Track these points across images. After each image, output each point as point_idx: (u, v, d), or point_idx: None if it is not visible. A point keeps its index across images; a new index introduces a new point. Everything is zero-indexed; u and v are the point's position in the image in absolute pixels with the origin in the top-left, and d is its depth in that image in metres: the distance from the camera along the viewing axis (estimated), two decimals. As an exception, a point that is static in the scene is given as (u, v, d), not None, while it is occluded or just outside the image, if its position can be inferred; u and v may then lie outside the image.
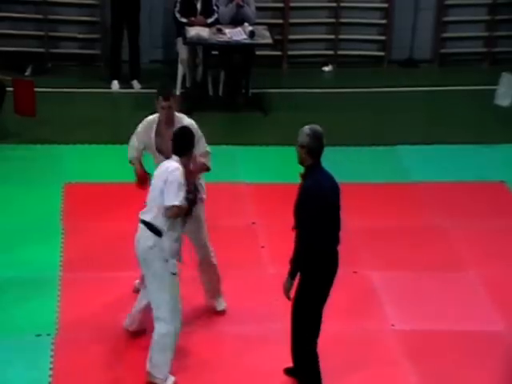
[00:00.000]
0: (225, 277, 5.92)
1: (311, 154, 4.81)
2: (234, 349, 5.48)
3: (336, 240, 4.89)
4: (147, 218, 5.02)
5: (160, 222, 4.96)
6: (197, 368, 5.30)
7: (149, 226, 4.99)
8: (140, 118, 5.72)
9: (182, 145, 5.04)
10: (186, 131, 5.11)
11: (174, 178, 4.93)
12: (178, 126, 5.30)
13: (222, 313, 5.71)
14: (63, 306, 5.81)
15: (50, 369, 5.25)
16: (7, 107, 7.98)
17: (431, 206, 7.29)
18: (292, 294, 4.89)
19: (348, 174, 7.65)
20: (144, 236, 5.02)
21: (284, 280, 4.86)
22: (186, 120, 5.45)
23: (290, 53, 9.97)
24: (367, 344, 5.58)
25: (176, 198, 4.90)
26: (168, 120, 5.42)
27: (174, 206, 4.91)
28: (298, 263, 4.81)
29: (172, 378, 5.08)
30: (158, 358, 5.03)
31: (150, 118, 5.59)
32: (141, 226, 5.07)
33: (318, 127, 4.90)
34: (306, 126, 4.89)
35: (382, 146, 8.24)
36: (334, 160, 8.00)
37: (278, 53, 9.91)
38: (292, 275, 4.84)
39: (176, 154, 5.03)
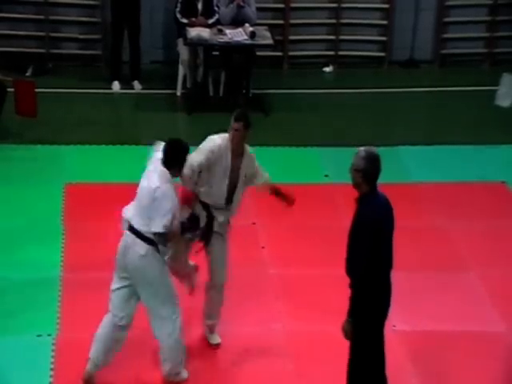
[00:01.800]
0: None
1: (367, 178, 4.49)
2: (234, 350, 5.47)
3: (389, 265, 4.63)
4: (136, 225, 4.79)
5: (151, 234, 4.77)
6: (198, 367, 5.30)
7: (139, 234, 4.79)
8: (140, 118, 5.72)
9: (173, 157, 4.81)
10: (179, 144, 4.89)
11: (163, 207, 4.69)
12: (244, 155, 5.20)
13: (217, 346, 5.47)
14: (64, 306, 5.81)
15: (51, 369, 5.25)
16: (8, 108, 7.99)
17: (432, 206, 7.29)
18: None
19: (349, 175, 7.65)
20: (135, 244, 4.81)
21: (343, 322, 4.58)
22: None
23: (290, 53, 9.97)
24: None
25: (161, 227, 4.69)
26: (235, 144, 5.19)
27: (162, 234, 4.71)
28: (357, 298, 4.49)
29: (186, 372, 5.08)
30: (171, 357, 5.00)
31: (221, 141, 5.25)
32: (128, 233, 4.84)
33: (373, 149, 4.58)
34: (362, 148, 4.57)
35: (383, 146, 8.21)
36: (335, 160, 8.09)
37: (279, 53, 9.91)
38: (352, 315, 4.53)
39: (167, 166, 4.80)
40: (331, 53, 10.01)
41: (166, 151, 4.87)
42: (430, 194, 7.44)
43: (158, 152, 4.96)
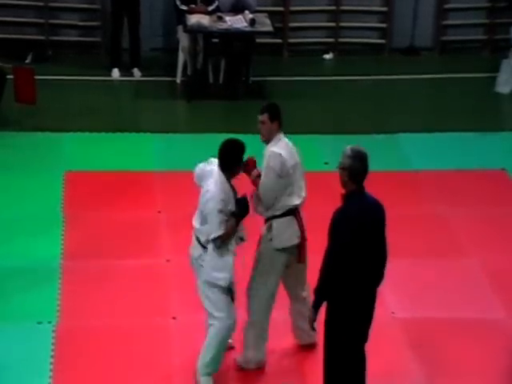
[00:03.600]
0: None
1: (353, 177, 4.34)
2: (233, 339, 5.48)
3: (375, 275, 4.42)
4: (195, 226, 4.89)
5: (203, 237, 4.83)
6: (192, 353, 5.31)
7: (196, 237, 4.89)
8: (140, 106, 5.73)
9: (227, 159, 4.82)
10: (233, 145, 4.86)
11: (211, 208, 4.73)
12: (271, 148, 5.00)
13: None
14: (64, 294, 5.82)
15: (51, 356, 5.27)
16: (7, 95, 7.97)
17: (432, 193, 7.29)
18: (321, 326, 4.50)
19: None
20: (194, 245, 4.92)
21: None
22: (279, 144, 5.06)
23: (290, 40, 9.93)
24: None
25: (218, 229, 4.73)
26: (262, 136, 5.08)
27: (218, 237, 4.75)
28: (321, 293, 4.38)
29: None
30: (211, 354, 4.92)
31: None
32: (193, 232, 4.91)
33: (360, 148, 4.41)
34: (348, 147, 4.42)
35: (383, 133, 8.23)
36: (334, 148, 8.07)
37: (279, 40, 9.88)
38: (315, 306, 4.41)
39: (221, 168, 4.82)
40: (331, 40, 9.98)
41: (220, 152, 4.84)
42: (430, 182, 7.44)
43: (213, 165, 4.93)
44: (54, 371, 5.14)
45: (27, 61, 9.25)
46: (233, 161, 4.85)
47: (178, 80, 9.14)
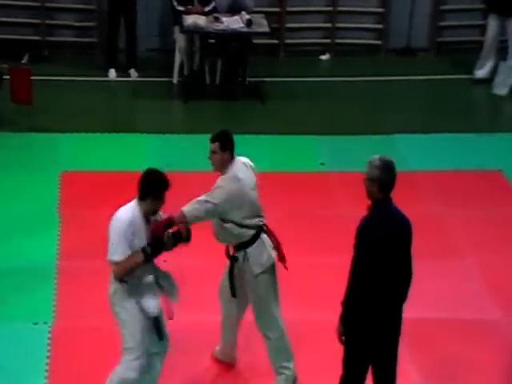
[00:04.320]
0: (221, 265, 5.92)
1: (382, 188, 4.22)
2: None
3: (397, 292, 4.29)
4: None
5: None
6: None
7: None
8: (137, 106, 5.72)
9: (143, 187, 4.45)
10: (151, 174, 4.50)
11: (115, 228, 4.40)
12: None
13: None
14: (60, 294, 5.81)
15: (47, 357, 5.26)
16: (4, 95, 7.96)
17: (428, 194, 7.29)
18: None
19: (345, 163, 7.66)
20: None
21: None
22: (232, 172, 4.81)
23: (287, 41, 9.94)
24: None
25: (114, 254, 4.39)
26: (213, 166, 4.86)
27: (115, 265, 4.42)
28: (348, 305, 4.28)
29: None
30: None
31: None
32: None
33: (388, 157, 4.30)
34: (376, 157, 4.30)
35: (379, 134, 8.24)
36: (330, 149, 8.09)
37: (275, 41, 9.88)
38: (343, 319, 4.33)
39: (138, 196, 4.48)
40: (328, 41, 9.98)
41: (140, 182, 4.51)
42: (427, 182, 7.45)
43: None
44: (50, 371, 5.13)
45: (23, 61, 9.24)
46: (152, 193, 4.45)
47: (175, 80, 9.14)
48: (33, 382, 5.06)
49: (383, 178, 4.24)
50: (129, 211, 4.49)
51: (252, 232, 4.88)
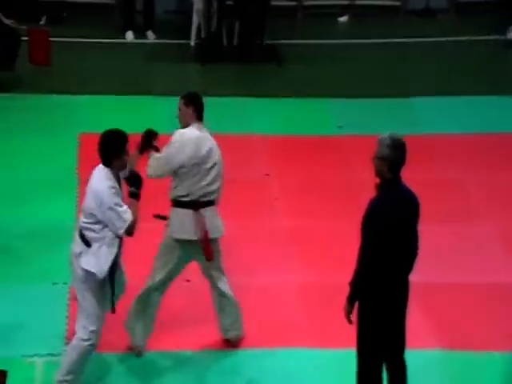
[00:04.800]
0: (238, 228, 5.96)
1: (392, 167, 4.15)
2: (245, 300, 5.54)
3: (405, 268, 4.28)
4: (80, 222, 4.58)
5: (91, 234, 4.53)
6: (205, 316, 5.39)
7: (80, 233, 4.59)
8: (154, 68, 5.72)
9: (106, 152, 4.50)
10: (106, 137, 4.53)
11: (106, 201, 4.43)
12: None
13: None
14: (79, 255, 5.88)
15: (66, 317, 5.35)
16: (22, 57, 7.97)
17: (445, 158, 7.26)
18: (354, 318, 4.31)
19: (362, 126, 7.63)
20: (76, 241, 4.64)
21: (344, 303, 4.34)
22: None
23: (305, 3, 9.84)
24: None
25: (123, 222, 4.45)
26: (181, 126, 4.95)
27: (129, 226, 4.46)
28: (357, 286, 4.24)
29: None
30: (65, 365, 4.67)
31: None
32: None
33: (399, 136, 4.22)
34: (386, 135, 4.21)
35: (397, 97, 8.18)
36: (348, 112, 8.06)
37: (293, 3, 9.79)
38: (350, 299, 4.27)
39: (103, 163, 4.50)
40: (346, 2, 9.87)
41: (101, 146, 4.57)
42: (444, 146, 7.41)
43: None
44: (69, 331, 5.22)
45: (42, 22, 9.23)
46: (115, 153, 4.50)
47: (192, 43, 9.10)
48: (52, 341, 5.14)
49: (393, 157, 4.17)
50: (105, 178, 4.54)
51: (188, 197, 4.86)
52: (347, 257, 5.17)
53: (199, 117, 4.95)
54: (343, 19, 9.86)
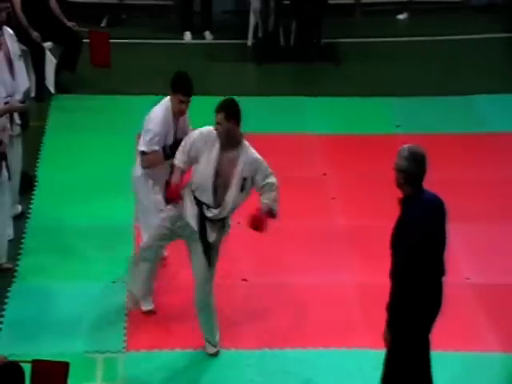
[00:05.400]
0: (295, 227, 5.93)
1: (409, 181, 4.05)
2: (301, 300, 5.52)
3: (439, 272, 4.22)
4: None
5: None
6: (261, 315, 5.38)
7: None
8: (212, 68, 5.74)
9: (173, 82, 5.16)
10: (181, 72, 5.22)
11: (150, 124, 5.11)
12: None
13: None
14: (138, 253, 5.95)
15: (125, 314, 5.41)
16: (83, 59, 8.11)
17: (508, 157, 7.10)
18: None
19: (420, 125, 7.52)
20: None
21: (384, 331, 4.23)
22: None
23: (363, 1, 9.75)
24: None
25: (143, 145, 5.14)
26: (224, 140, 4.84)
27: (141, 154, 5.11)
28: (395, 307, 4.14)
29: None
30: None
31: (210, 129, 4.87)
32: None
33: (418, 148, 4.09)
34: (405, 146, 4.11)
35: (459, 95, 8.04)
36: (406, 111, 7.94)
37: (351, 1, 9.71)
38: (391, 325, 4.16)
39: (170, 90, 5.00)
40: (405, -1, 9.76)
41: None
42: (508, 144, 7.24)
43: None
44: (128, 329, 5.28)
45: (102, 24, 9.38)
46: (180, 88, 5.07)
47: (249, 42, 9.11)
48: (112, 338, 5.21)
49: (410, 170, 4.04)
50: (163, 112, 5.10)
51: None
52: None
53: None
54: (402, 16, 9.73)
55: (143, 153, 5.19)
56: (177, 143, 5.03)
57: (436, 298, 4.26)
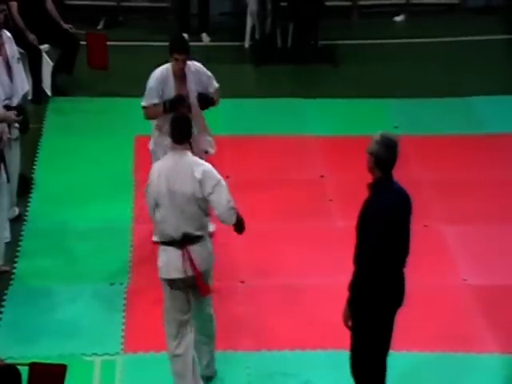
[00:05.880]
0: (293, 229, 5.92)
1: (379, 165, 4.16)
2: (297, 300, 5.52)
3: (401, 260, 4.30)
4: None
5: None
6: (259, 317, 5.38)
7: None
8: (209, 70, 5.78)
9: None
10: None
11: (149, 81, 5.50)
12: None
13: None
14: (136, 256, 5.94)
15: (123, 317, 5.41)
16: (81, 61, 8.10)
17: (507, 158, 7.10)
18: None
19: (418, 126, 7.53)
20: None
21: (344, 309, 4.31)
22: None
23: (360, 2, 9.76)
24: (438, 298, 5.52)
25: (143, 100, 5.54)
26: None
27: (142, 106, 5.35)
28: (359, 289, 4.24)
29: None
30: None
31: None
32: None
33: (391, 135, 4.23)
34: (380, 132, 4.23)
35: (457, 97, 8.04)
36: (404, 112, 7.95)
37: (348, 3, 9.72)
38: (351, 303, 4.26)
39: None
40: (402, 1, 9.75)
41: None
42: (506, 146, 7.24)
43: None
44: (126, 331, 5.27)
45: (99, 27, 9.37)
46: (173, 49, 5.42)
47: (247, 44, 9.11)
48: (110, 341, 5.20)
49: (380, 155, 4.14)
50: (161, 69, 5.52)
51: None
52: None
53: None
54: (399, 18, 9.74)
55: (143, 108, 5.68)
56: (179, 99, 5.53)
57: (396, 286, 4.30)
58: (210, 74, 5.79)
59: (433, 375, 4.96)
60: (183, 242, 4.54)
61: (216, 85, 5.79)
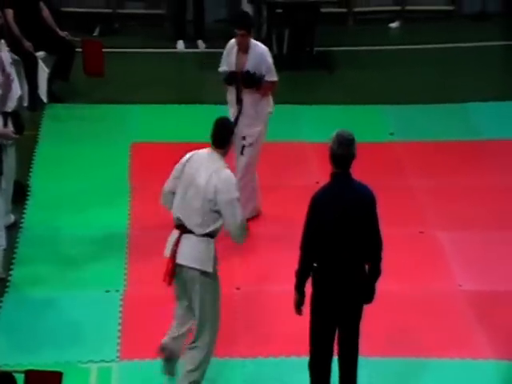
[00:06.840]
0: (288, 234, 5.92)
1: (333, 161, 4.27)
2: (292, 306, 5.51)
3: (349, 260, 4.29)
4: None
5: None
6: (255, 323, 5.36)
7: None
8: (205, 77, 5.85)
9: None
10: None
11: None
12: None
13: None
14: (131, 263, 5.94)
15: (119, 324, 5.40)
16: (76, 68, 8.11)
17: (503, 164, 7.12)
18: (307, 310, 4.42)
19: (414, 133, 7.54)
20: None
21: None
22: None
23: (355, 9, 9.79)
24: (433, 304, 5.53)
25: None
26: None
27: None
28: (301, 273, 4.39)
29: None
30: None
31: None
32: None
33: (347, 133, 4.30)
34: (337, 130, 4.35)
35: (452, 103, 8.07)
36: (400, 118, 7.97)
37: (344, 10, 9.75)
38: (296, 288, 4.41)
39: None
40: (397, 8, 9.79)
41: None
42: (501, 152, 7.27)
43: None
44: (122, 338, 5.27)
45: (95, 33, 9.39)
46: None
47: (242, 51, 9.12)
48: (105, 348, 5.20)
49: (335, 152, 4.26)
50: (233, 40, 5.96)
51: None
52: (397, 264, 5.11)
53: None
54: (394, 25, 9.77)
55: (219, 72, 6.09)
56: (232, 76, 6.04)
57: (339, 281, 4.30)
58: (270, 64, 5.98)
59: (428, 380, 4.96)
60: (178, 228, 4.66)
61: (272, 78, 6.01)
